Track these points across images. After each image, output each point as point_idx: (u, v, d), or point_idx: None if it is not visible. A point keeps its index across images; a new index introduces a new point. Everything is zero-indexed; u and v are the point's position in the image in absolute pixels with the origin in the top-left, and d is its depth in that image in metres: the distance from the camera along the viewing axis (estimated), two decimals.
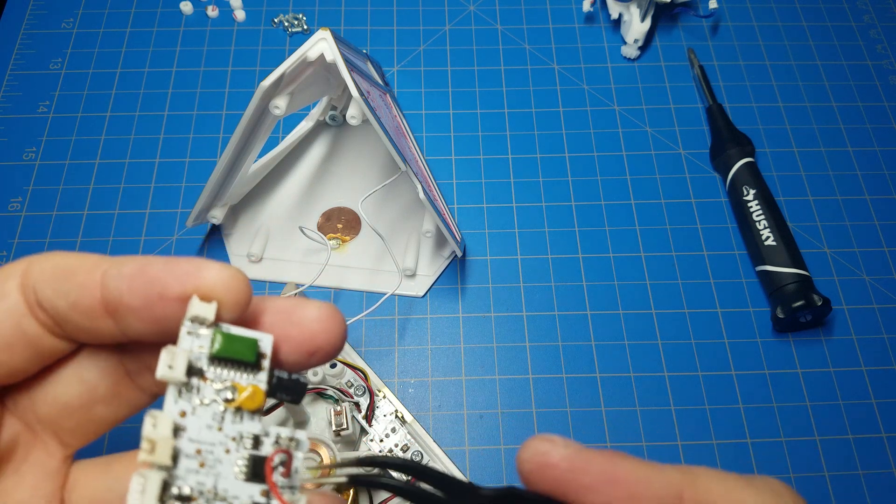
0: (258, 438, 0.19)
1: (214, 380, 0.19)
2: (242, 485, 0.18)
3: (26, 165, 0.53)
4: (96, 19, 0.61)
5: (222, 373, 0.19)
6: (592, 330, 0.48)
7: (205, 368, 0.19)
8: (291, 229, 0.51)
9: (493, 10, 0.62)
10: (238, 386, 0.19)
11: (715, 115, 0.56)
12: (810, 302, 0.46)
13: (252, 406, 0.19)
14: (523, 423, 0.45)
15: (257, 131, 0.45)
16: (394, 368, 0.47)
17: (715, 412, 0.46)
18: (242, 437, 0.19)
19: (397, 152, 0.42)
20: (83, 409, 0.22)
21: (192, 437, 0.18)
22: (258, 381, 0.20)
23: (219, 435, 0.19)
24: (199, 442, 0.18)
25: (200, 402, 0.19)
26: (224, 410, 0.19)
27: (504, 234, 0.52)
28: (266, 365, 0.20)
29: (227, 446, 0.19)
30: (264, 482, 0.19)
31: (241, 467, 0.19)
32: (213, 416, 0.19)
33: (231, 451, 0.19)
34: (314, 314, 0.20)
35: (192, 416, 0.18)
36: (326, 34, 0.40)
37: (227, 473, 0.18)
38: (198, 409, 0.19)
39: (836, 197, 0.54)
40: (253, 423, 0.19)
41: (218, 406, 0.19)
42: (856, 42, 0.62)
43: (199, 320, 0.19)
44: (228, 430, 0.19)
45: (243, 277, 0.20)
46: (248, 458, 0.19)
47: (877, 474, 0.44)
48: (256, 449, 0.19)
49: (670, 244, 0.52)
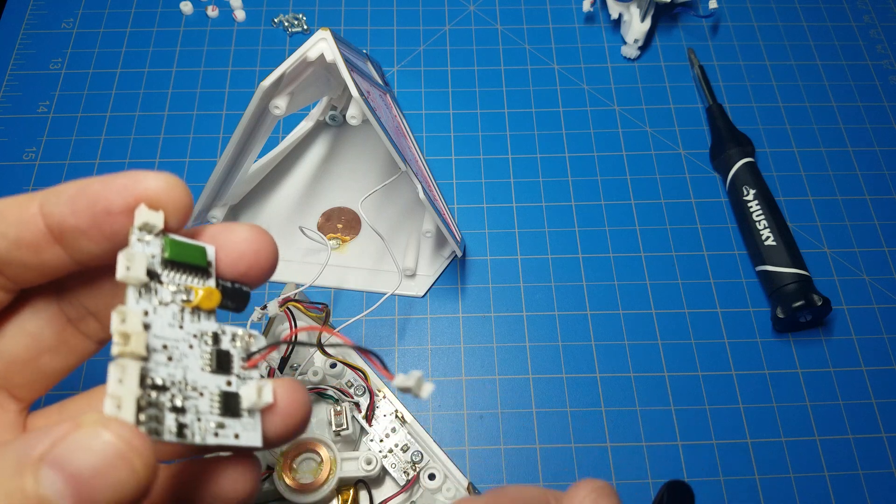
0: (217, 335, 0.21)
1: (169, 283, 0.20)
2: (209, 376, 0.20)
3: (26, 165, 0.53)
4: (96, 19, 0.61)
5: (176, 276, 0.20)
6: (592, 330, 0.48)
7: (160, 272, 0.20)
8: (291, 229, 0.51)
9: (493, 10, 0.62)
10: (193, 288, 0.20)
11: (715, 115, 0.56)
12: (810, 302, 0.46)
13: (208, 305, 0.20)
14: (523, 423, 0.45)
15: (257, 131, 0.45)
16: (394, 368, 0.47)
17: (715, 412, 0.46)
18: (203, 334, 0.20)
19: (397, 152, 0.42)
20: (31, 360, 0.22)
21: (157, 334, 0.19)
22: (209, 284, 0.21)
23: (181, 332, 0.20)
24: (163, 338, 0.19)
25: (160, 303, 0.20)
26: (182, 310, 0.20)
27: (504, 234, 0.52)
28: (212, 272, 0.21)
29: (190, 342, 0.20)
30: (228, 373, 0.20)
31: (206, 360, 0.20)
32: (172, 316, 0.20)
33: (194, 347, 0.20)
34: (243, 235, 0.21)
35: (153, 315, 0.19)
36: (326, 34, 0.40)
37: (194, 366, 0.19)
38: (158, 309, 0.19)
39: (836, 197, 0.54)
40: (210, 322, 0.21)
41: (176, 307, 0.20)
42: (856, 42, 0.62)
43: (147, 228, 0.20)
44: (189, 328, 0.20)
45: (182, 184, 0.20)
46: (211, 352, 0.20)
47: (877, 474, 0.44)
48: (217, 344, 0.20)
49: (670, 244, 0.52)
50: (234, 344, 0.21)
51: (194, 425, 0.18)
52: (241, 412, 0.20)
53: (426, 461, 0.41)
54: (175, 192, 0.20)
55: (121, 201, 0.19)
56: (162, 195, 0.20)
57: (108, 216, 0.19)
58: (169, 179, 0.20)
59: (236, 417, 0.20)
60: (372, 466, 0.39)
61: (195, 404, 0.19)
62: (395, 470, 0.40)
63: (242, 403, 0.20)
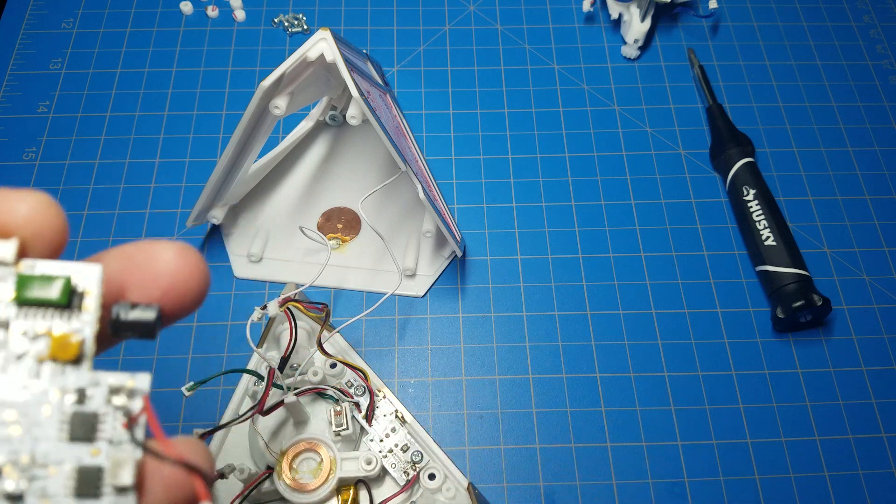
0: (83, 392, 0.17)
1: (27, 331, 0.16)
2: (66, 447, 0.16)
3: (26, 165, 0.53)
4: (96, 19, 0.61)
5: (35, 321, 0.17)
6: (592, 330, 0.48)
7: (10, 318, 0.16)
8: (291, 229, 0.51)
9: (493, 10, 0.62)
10: (52, 335, 0.17)
11: (715, 115, 0.56)
12: (810, 302, 0.46)
13: (66, 356, 0.16)
14: (523, 423, 0.45)
15: (257, 131, 0.45)
16: (394, 368, 0.47)
17: (715, 412, 0.46)
18: (65, 392, 0.16)
19: (397, 152, 0.42)
20: None
21: (4, 401, 0.16)
22: (83, 322, 0.17)
23: (34, 394, 0.16)
24: (12, 404, 0.16)
25: (12, 359, 0.16)
26: (40, 364, 0.16)
27: (504, 234, 0.52)
28: (91, 304, 0.17)
29: (49, 405, 0.16)
30: (93, 440, 0.16)
31: (62, 427, 0.16)
32: (28, 373, 0.16)
33: (53, 412, 0.16)
34: (163, 254, 0.18)
35: (1, 375, 0.16)
36: (326, 34, 0.40)
37: (49, 436, 0.16)
38: (9, 368, 0.16)
39: (836, 197, 0.54)
40: (79, 375, 0.17)
41: (32, 360, 0.16)
42: (856, 42, 0.62)
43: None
44: (47, 387, 0.16)
45: (48, 201, 0.17)
46: (70, 416, 0.16)
47: (877, 474, 0.44)
48: (82, 404, 0.17)
49: (670, 244, 0.52)
50: (111, 399, 0.17)
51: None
52: (101, 491, 0.16)
53: (426, 461, 0.41)
54: (40, 216, 0.16)
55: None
56: (23, 222, 0.16)
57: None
58: (32, 201, 0.16)
59: (96, 499, 0.16)
60: (372, 466, 0.39)
61: (43, 486, 0.16)
62: (395, 470, 0.40)
63: (105, 479, 0.16)
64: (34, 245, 0.17)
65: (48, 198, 0.17)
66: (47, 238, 0.17)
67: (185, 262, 0.18)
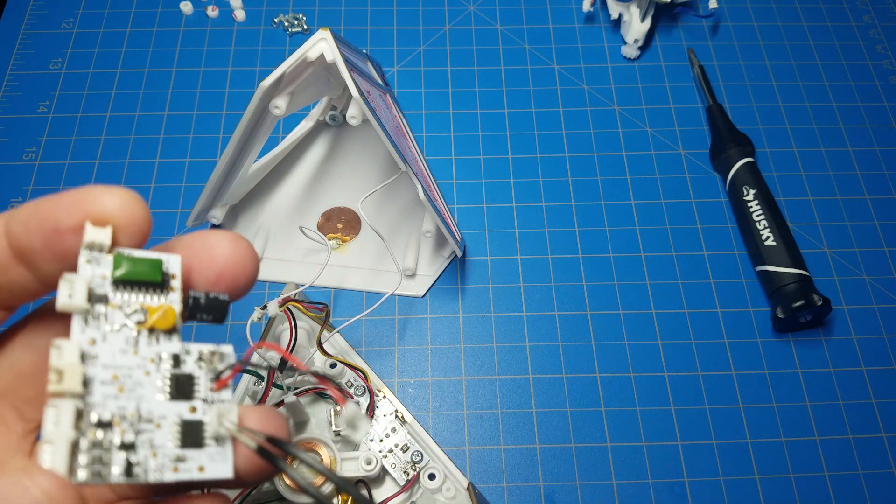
0: (178, 357, 0.19)
1: (123, 304, 0.19)
2: (168, 404, 0.18)
3: (26, 165, 0.53)
4: (96, 19, 0.61)
5: (130, 297, 0.19)
6: (592, 330, 0.48)
7: (109, 294, 0.18)
8: (291, 229, 0.51)
9: (493, 10, 0.62)
10: (149, 308, 0.19)
11: (715, 115, 0.56)
12: (810, 302, 0.46)
13: (165, 325, 0.19)
14: (523, 423, 0.45)
15: (257, 131, 0.45)
16: (394, 368, 0.47)
17: (715, 412, 0.46)
18: (161, 357, 0.19)
19: (397, 152, 0.42)
20: (37, 374, 0.21)
21: (107, 364, 0.18)
22: (170, 301, 0.19)
23: (135, 358, 0.18)
24: (114, 367, 0.18)
25: (110, 329, 0.18)
26: (138, 334, 0.19)
27: (504, 234, 0.52)
28: (176, 285, 0.19)
29: (146, 368, 0.18)
30: (191, 398, 0.19)
31: (163, 387, 0.18)
32: (126, 341, 0.18)
33: (151, 374, 0.18)
34: (217, 242, 0.20)
35: (102, 342, 0.18)
36: (326, 34, 0.40)
37: (150, 395, 0.18)
38: (108, 336, 0.18)
39: (836, 197, 0.54)
40: (171, 343, 0.19)
41: (130, 331, 0.18)
42: (856, 42, 0.62)
43: (95, 246, 0.18)
44: (145, 353, 0.18)
45: (137, 199, 0.19)
46: (170, 377, 0.18)
47: (877, 474, 0.44)
48: (178, 368, 0.19)
49: (670, 244, 0.52)
50: (201, 364, 0.19)
51: (147, 462, 0.17)
52: (204, 442, 0.18)
53: (426, 461, 0.41)
54: (129, 208, 0.19)
55: (69, 220, 0.18)
56: (113, 211, 0.18)
57: (57, 235, 0.18)
58: (123, 195, 0.19)
59: (200, 448, 0.18)
60: (372, 466, 0.39)
61: (150, 438, 0.17)
62: (395, 470, 0.40)
63: (206, 431, 0.18)
64: (123, 235, 0.19)
65: (135, 194, 0.19)
66: (135, 229, 0.19)
67: (237, 250, 0.20)
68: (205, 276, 0.20)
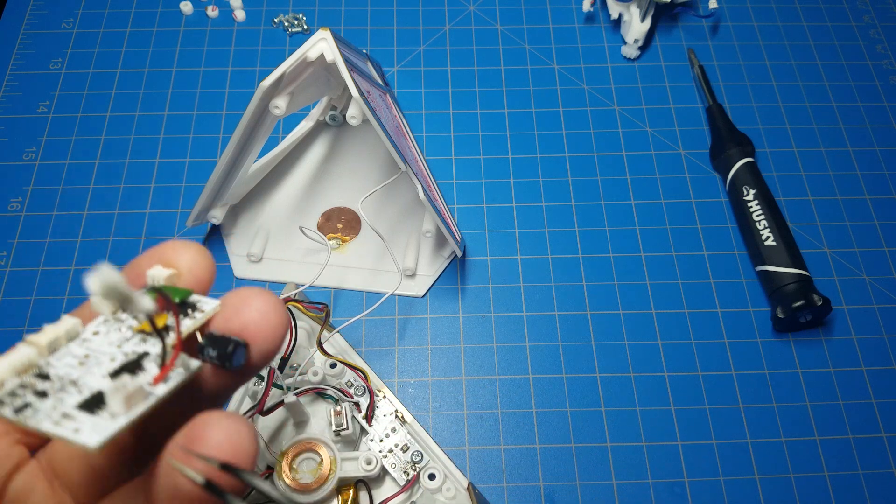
0: (146, 354, 0.20)
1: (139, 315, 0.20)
2: (103, 380, 0.19)
3: (26, 165, 0.53)
4: (96, 19, 0.61)
5: None
6: (592, 330, 0.48)
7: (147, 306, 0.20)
8: (291, 229, 0.51)
9: (493, 10, 0.62)
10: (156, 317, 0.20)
11: (715, 115, 0.56)
12: (810, 302, 0.46)
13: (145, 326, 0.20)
14: (523, 423, 0.45)
15: (257, 131, 0.45)
16: (394, 368, 0.47)
17: (715, 412, 0.46)
18: (134, 352, 0.20)
19: (397, 152, 0.42)
20: (81, 457, 0.21)
21: (90, 347, 0.20)
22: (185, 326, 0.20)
23: (112, 348, 0.20)
24: (93, 351, 0.20)
25: (118, 330, 0.20)
26: (133, 336, 0.20)
27: (504, 234, 0.52)
28: (198, 316, 0.20)
29: (115, 357, 0.20)
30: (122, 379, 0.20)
31: (111, 368, 0.19)
32: (120, 338, 0.20)
33: (116, 360, 0.20)
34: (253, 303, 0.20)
35: (104, 335, 0.20)
36: (326, 34, 0.40)
37: (97, 372, 0.19)
38: (111, 332, 0.20)
39: (836, 197, 0.54)
40: (151, 346, 0.20)
41: (130, 333, 0.20)
42: (856, 42, 0.62)
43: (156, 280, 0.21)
44: (125, 347, 0.20)
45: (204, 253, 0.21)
46: (122, 364, 0.20)
47: (877, 474, 0.44)
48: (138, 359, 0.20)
49: (670, 244, 0.52)
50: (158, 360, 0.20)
51: (40, 411, 0.18)
52: (97, 411, 0.18)
53: (426, 461, 0.41)
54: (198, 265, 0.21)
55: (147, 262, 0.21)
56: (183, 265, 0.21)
57: None
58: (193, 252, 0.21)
59: (91, 414, 0.18)
60: (372, 466, 0.39)
61: (64, 397, 0.19)
62: (395, 470, 0.40)
63: (106, 404, 0.19)
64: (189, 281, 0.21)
65: (205, 250, 0.21)
66: (198, 281, 0.21)
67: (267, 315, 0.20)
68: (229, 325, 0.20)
